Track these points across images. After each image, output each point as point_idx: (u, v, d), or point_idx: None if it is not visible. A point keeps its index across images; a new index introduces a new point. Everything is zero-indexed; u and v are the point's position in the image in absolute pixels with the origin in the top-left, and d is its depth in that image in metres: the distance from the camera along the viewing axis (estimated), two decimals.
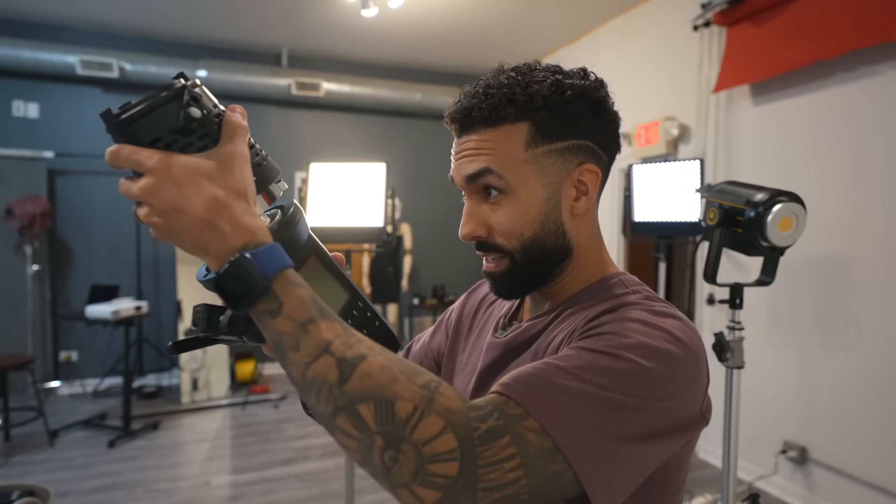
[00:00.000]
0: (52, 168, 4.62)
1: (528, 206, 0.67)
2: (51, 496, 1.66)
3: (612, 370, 0.54)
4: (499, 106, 0.66)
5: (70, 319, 4.36)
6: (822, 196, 2.76)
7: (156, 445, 3.64)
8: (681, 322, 0.61)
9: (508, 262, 0.69)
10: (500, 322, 0.80)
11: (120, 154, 0.49)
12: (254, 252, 0.48)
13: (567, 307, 0.71)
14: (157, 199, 0.48)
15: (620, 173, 4.19)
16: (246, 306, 0.49)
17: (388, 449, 0.47)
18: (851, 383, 2.67)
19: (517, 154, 0.66)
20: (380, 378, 0.48)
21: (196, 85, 0.51)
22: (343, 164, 2.38)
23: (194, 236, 0.49)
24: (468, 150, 0.68)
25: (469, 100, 0.68)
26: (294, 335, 0.48)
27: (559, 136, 0.67)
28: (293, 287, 0.49)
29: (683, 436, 0.59)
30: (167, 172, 0.48)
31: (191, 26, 4.62)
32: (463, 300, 0.92)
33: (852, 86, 2.69)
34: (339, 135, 5.49)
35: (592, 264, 0.73)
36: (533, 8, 4.13)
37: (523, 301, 0.80)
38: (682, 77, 3.66)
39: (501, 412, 0.50)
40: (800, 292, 2.90)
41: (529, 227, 0.68)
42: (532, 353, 0.70)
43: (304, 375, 0.48)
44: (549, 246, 0.69)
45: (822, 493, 2.79)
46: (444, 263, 5.87)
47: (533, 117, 0.66)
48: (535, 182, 0.67)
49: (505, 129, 0.66)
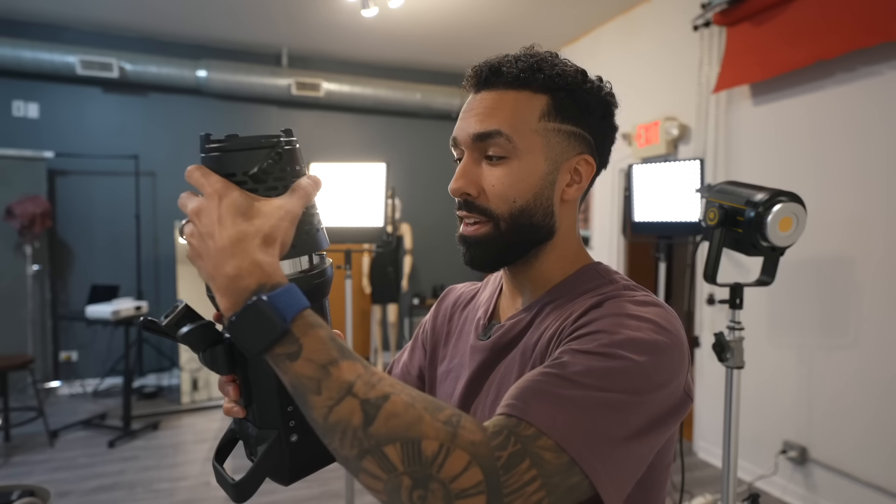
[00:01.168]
0: (52, 168, 4.62)
1: (528, 174, 0.68)
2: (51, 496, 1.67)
3: (608, 371, 0.55)
4: (528, 70, 0.67)
5: (70, 319, 4.36)
6: (822, 196, 2.76)
7: (156, 445, 3.64)
8: (662, 309, 0.63)
9: (491, 229, 0.68)
10: (479, 324, 0.78)
11: (193, 173, 0.51)
12: (270, 294, 0.47)
13: (547, 302, 0.71)
14: (199, 222, 0.49)
15: (620, 173, 4.19)
16: (263, 351, 0.47)
17: (416, 488, 0.46)
18: (851, 383, 2.67)
19: (530, 122, 0.67)
20: (405, 418, 0.47)
21: (290, 143, 0.53)
22: (343, 164, 2.38)
23: (214, 264, 0.49)
24: (484, 106, 0.68)
25: (500, 59, 0.69)
26: (315, 378, 0.47)
27: (570, 120, 0.69)
28: (313, 328, 0.48)
29: (677, 419, 0.60)
30: (218, 200, 0.49)
31: (191, 26, 4.62)
32: (434, 311, 0.90)
33: (852, 86, 2.69)
34: (339, 135, 5.49)
35: (570, 254, 0.74)
36: (533, 8, 4.13)
37: (499, 300, 0.80)
38: (682, 77, 3.66)
39: (517, 435, 0.50)
40: (800, 292, 2.90)
41: (523, 195, 0.68)
42: (520, 351, 0.69)
43: (326, 419, 0.47)
44: (535, 221, 0.69)
45: (822, 493, 2.79)
46: (444, 263, 5.87)
47: (554, 93, 0.68)
48: (539, 153, 0.68)
49: (525, 95, 0.68)
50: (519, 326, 0.71)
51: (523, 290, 0.74)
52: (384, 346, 5.62)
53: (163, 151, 4.93)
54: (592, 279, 0.71)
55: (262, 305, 0.47)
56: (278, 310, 0.47)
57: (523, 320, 0.71)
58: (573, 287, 0.71)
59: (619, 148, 4.10)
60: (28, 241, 4.31)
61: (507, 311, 0.77)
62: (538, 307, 0.71)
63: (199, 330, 0.52)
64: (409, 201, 5.53)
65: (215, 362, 0.53)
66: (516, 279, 0.75)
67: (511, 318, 0.73)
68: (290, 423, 0.55)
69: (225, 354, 0.53)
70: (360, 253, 5.16)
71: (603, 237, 4.48)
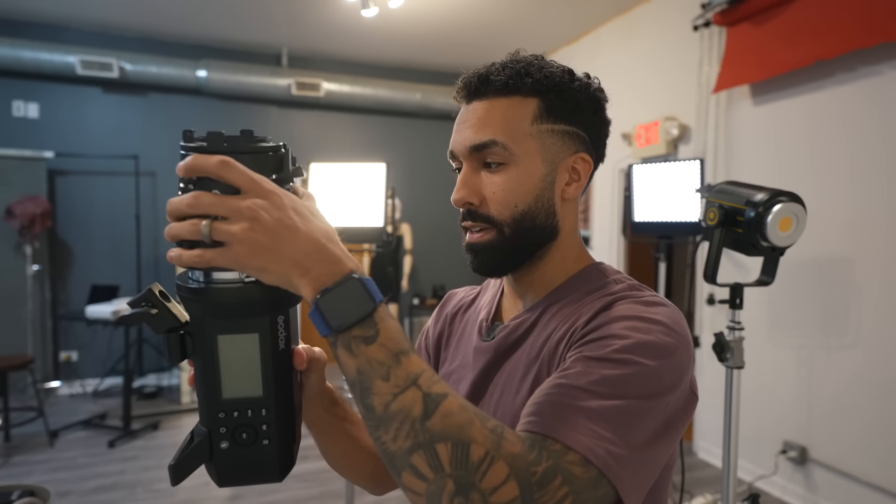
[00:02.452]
0: (52, 168, 4.62)
1: (527, 178, 0.69)
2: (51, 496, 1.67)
3: (623, 378, 0.56)
4: (516, 76, 0.68)
5: (70, 319, 4.36)
6: (822, 196, 2.76)
7: (156, 445, 3.64)
8: (669, 309, 0.64)
9: (496, 234, 0.69)
10: (482, 325, 0.78)
11: (236, 165, 0.47)
12: (362, 277, 0.50)
13: (552, 302, 0.71)
14: (269, 216, 0.47)
15: (620, 173, 4.19)
16: (345, 328, 0.48)
17: (457, 495, 0.47)
18: (851, 383, 2.67)
19: (523, 126, 0.68)
20: (459, 418, 0.48)
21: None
22: (343, 164, 2.38)
23: (300, 256, 0.48)
24: (477, 117, 0.69)
25: (487, 69, 0.70)
26: (386, 364, 0.48)
27: (563, 119, 0.70)
28: (388, 318, 0.50)
29: (688, 418, 0.62)
30: (283, 196, 0.49)
31: (191, 26, 4.62)
32: (435, 317, 0.91)
33: (852, 86, 2.69)
34: (339, 135, 5.49)
35: (573, 254, 0.74)
36: (533, 8, 4.13)
37: (502, 301, 0.80)
38: (682, 77, 3.66)
39: (548, 451, 0.51)
40: (800, 292, 2.90)
41: (524, 199, 0.69)
42: (525, 351, 0.70)
43: (387, 407, 0.48)
44: (539, 222, 0.70)
45: (822, 493, 2.79)
46: (444, 263, 5.87)
47: (544, 95, 0.69)
48: (535, 156, 0.69)
49: (516, 101, 0.69)
50: (523, 327, 0.72)
51: (526, 291, 0.75)
52: None
53: (163, 151, 4.93)
54: (596, 279, 0.71)
55: (360, 283, 0.49)
56: (370, 290, 0.49)
57: (527, 321, 0.72)
58: (577, 287, 0.71)
59: (619, 148, 4.13)
60: (28, 241, 4.31)
61: (511, 313, 0.77)
62: (542, 308, 0.71)
63: (142, 315, 0.51)
64: (409, 201, 5.53)
65: (168, 349, 0.52)
66: (520, 281, 0.75)
67: (515, 319, 0.73)
68: (221, 429, 0.53)
69: (178, 343, 0.52)
70: (360, 253, 5.16)
71: (603, 237, 4.48)
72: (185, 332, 0.53)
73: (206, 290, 0.50)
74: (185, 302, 0.52)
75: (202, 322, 0.52)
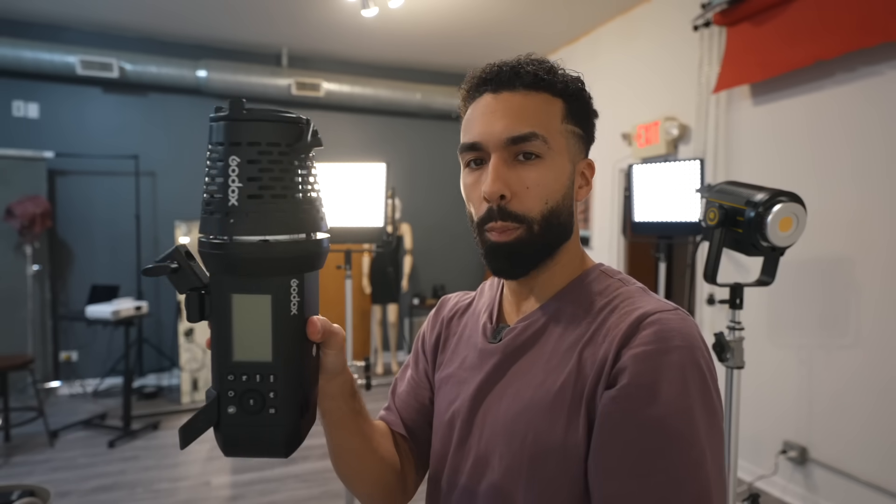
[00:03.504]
0: (52, 168, 4.62)
1: (559, 175, 0.69)
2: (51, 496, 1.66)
3: (693, 461, 0.58)
4: (546, 74, 0.69)
5: (70, 319, 4.36)
6: (822, 196, 2.76)
7: (156, 445, 3.64)
8: (687, 322, 0.63)
9: (523, 233, 0.67)
10: (486, 328, 0.78)
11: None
12: None
13: (561, 305, 0.71)
14: None
15: (620, 173, 4.19)
16: None
17: None
18: (852, 383, 2.67)
19: (556, 123, 0.69)
20: None
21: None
22: (343, 164, 2.38)
23: None
24: (512, 107, 0.67)
25: (516, 61, 0.70)
26: None
27: (579, 124, 0.71)
28: None
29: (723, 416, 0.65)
30: None
31: (191, 26, 4.62)
32: (431, 321, 0.90)
33: (852, 86, 2.69)
34: (339, 135, 5.49)
35: (578, 256, 0.75)
36: (533, 8, 4.13)
37: (502, 304, 0.79)
38: (682, 77, 3.66)
39: None
40: (800, 292, 2.90)
41: (555, 196, 0.69)
42: (539, 354, 0.69)
43: None
44: (562, 220, 0.70)
45: (822, 493, 2.79)
46: (444, 263, 5.87)
47: (568, 98, 0.70)
48: (565, 154, 0.70)
49: (546, 98, 0.69)
50: (531, 330, 0.71)
51: (530, 292, 0.74)
52: (384, 347, 5.62)
53: (163, 151, 4.93)
54: (602, 280, 0.72)
55: None
56: None
57: (535, 323, 0.71)
58: (586, 289, 0.71)
59: (619, 148, 4.13)
60: (28, 241, 4.31)
61: (513, 315, 0.76)
62: (551, 311, 0.71)
63: (164, 269, 0.52)
64: (409, 201, 5.53)
65: (188, 307, 0.53)
66: (524, 283, 0.74)
67: (523, 321, 0.73)
68: (230, 393, 0.53)
69: (197, 302, 0.53)
70: (361, 253, 5.16)
71: (603, 237, 4.48)
72: (205, 292, 0.53)
73: (225, 245, 0.51)
74: (205, 258, 0.53)
75: (219, 279, 0.52)
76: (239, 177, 0.50)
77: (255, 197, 0.50)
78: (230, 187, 0.50)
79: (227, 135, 0.51)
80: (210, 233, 0.52)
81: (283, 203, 0.52)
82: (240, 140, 0.51)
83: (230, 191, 0.50)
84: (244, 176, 0.50)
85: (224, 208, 0.50)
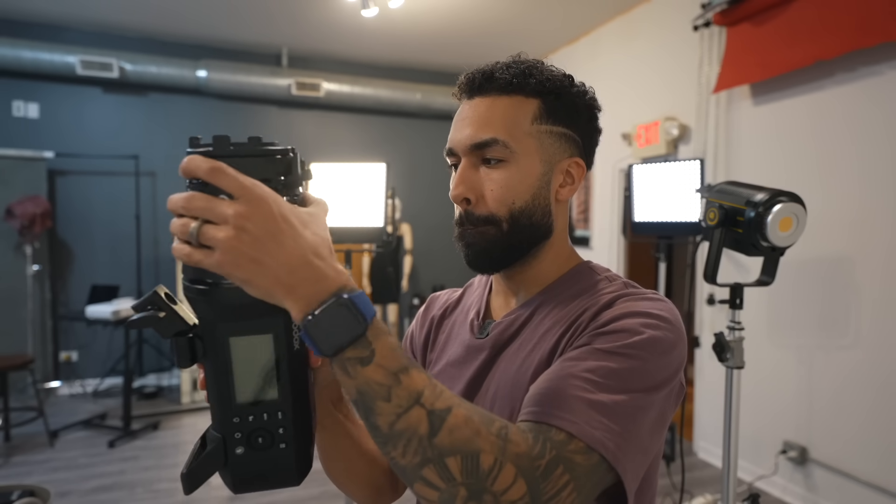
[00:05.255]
0: (52, 168, 4.62)
1: (525, 176, 0.70)
2: (51, 496, 1.67)
3: (629, 371, 0.58)
4: (519, 76, 0.70)
5: (70, 319, 4.36)
6: (823, 196, 2.76)
7: (156, 445, 3.64)
8: (668, 304, 0.66)
9: (494, 232, 0.70)
10: (473, 324, 0.79)
11: (226, 171, 0.45)
12: (352, 295, 0.47)
13: (546, 299, 0.72)
14: (254, 226, 0.45)
15: (620, 173, 4.19)
16: (338, 351, 0.47)
17: (470, 499, 0.49)
18: (851, 383, 2.67)
19: (524, 125, 0.70)
20: (465, 431, 0.49)
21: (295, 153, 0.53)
22: (343, 164, 2.38)
23: (283, 272, 0.46)
24: (479, 114, 0.70)
25: (491, 66, 0.71)
26: (385, 384, 0.48)
27: (561, 122, 0.72)
28: (383, 335, 0.49)
29: (676, 407, 0.65)
30: (273, 204, 0.46)
31: (191, 26, 4.62)
32: (420, 320, 0.90)
33: (852, 86, 2.69)
34: (339, 135, 5.49)
35: (565, 253, 0.76)
36: (533, 8, 4.13)
37: (490, 299, 0.81)
38: (682, 77, 3.66)
39: (551, 441, 0.53)
40: (800, 292, 2.90)
41: (522, 196, 0.70)
42: (517, 346, 0.71)
43: (392, 426, 0.48)
44: (535, 220, 0.71)
45: (822, 493, 2.79)
46: (444, 263, 5.86)
47: (545, 97, 0.71)
48: (534, 155, 0.70)
49: (517, 100, 0.70)
50: (517, 323, 0.73)
51: (518, 289, 0.76)
52: None
53: (163, 151, 4.93)
54: (588, 277, 0.74)
55: (347, 304, 0.47)
56: (360, 309, 0.47)
57: (521, 317, 0.73)
58: (571, 285, 0.73)
59: (619, 148, 4.13)
60: (28, 241, 4.31)
61: (502, 310, 0.78)
62: (536, 304, 0.73)
63: (149, 319, 0.49)
64: (409, 201, 5.53)
65: (177, 354, 0.51)
66: (512, 279, 0.76)
67: (508, 316, 0.74)
68: (236, 435, 0.52)
69: (187, 347, 0.50)
70: (360, 253, 5.16)
71: (603, 237, 4.48)
72: (195, 336, 0.51)
73: (215, 290, 0.48)
74: (194, 303, 0.50)
75: (212, 324, 0.50)
76: None
77: None
78: None
79: None
80: (197, 277, 0.49)
81: None
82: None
83: None
84: None
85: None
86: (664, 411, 0.62)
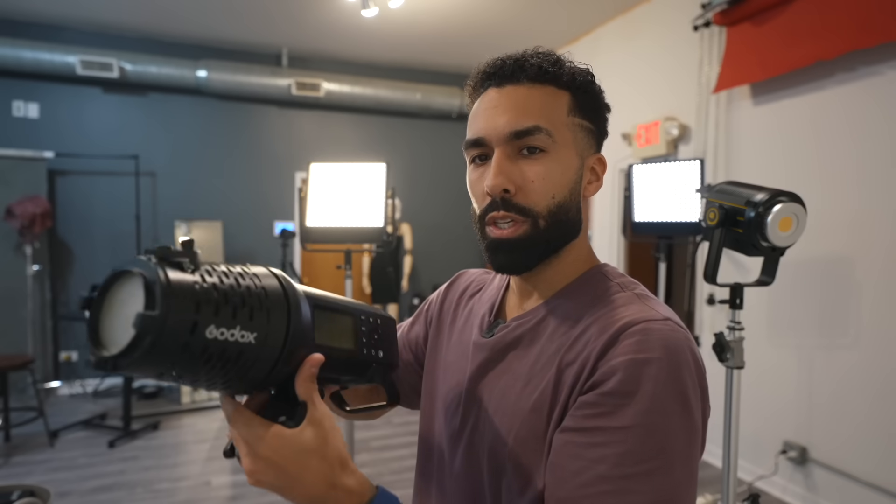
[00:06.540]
0: (52, 168, 4.62)
1: (566, 168, 0.67)
2: (51, 496, 1.67)
3: (651, 473, 0.55)
4: (551, 66, 0.67)
5: (70, 319, 4.36)
6: (823, 196, 2.76)
7: (156, 445, 3.64)
8: (675, 334, 0.61)
9: (529, 228, 0.66)
10: (483, 321, 0.77)
11: (235, 422, 0.53)
12: None
13: (555, 306, 0.70)
14: (266, 478, 0.52)
15: (620, 173, 4.19)
16: None
17: None
18: (851, 383, 2.67)
19: (561, 116, 0.67)
20: None
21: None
22: (343, 164, 2.38)
23: (308, 501, 0.53)
24: (515, 102, 0.66)
25: (520, 55, 0.68)
26: None
27: (588, 117, 0.70)
28: None
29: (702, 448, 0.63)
30: (279, 458, 0.51)
31: (191, 26, 4.62)
32: (443, 293, 0.89)
33: (852, 86, 2.69)
34: (339, 135, 5.49)
35: (584, 254, 0.73)
36: (533, 8, 4.13)
37: (506, 297, 0.79)
38: (682, 77, 3.66)
39: None
40: (800, 292, 2.90)
41: (561, 190, 0.67)
42: (524, 355, 0.69)
43: None
44: (570, 216, 0.68)
45: (822, 493, 2.79)
46: (444, 263, 5.87)
47: (574, 91, 0.68)
48: (571, 148, 0.68)
49: (551, 90, 0.67)
50: (523, 328, 0.71)
51: (534, 290, 0.73)
52: None
53: (163, 151, 4.93)
54: (600, 282, 0.70)
55: None
56: None
57: (528, 322, 0.70)
58: (582, 292, 0.69)
59: (619, 148, 4.13)
60: (28, 241, 4.31)
61: (514, 310, 0.75)
62: (544, 311, 0.70)
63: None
64: (409, 201, 5.53)
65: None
66: (528, 280, 0.73)
67: (516, 320, 0.72)
68: (362, 327, 0.62)
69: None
70: (361, 253, 5.16)
71: (603, 237, 4.48)
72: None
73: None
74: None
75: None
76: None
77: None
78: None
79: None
80: None
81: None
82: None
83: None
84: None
85: None
86: (696, 464, 0.59)
